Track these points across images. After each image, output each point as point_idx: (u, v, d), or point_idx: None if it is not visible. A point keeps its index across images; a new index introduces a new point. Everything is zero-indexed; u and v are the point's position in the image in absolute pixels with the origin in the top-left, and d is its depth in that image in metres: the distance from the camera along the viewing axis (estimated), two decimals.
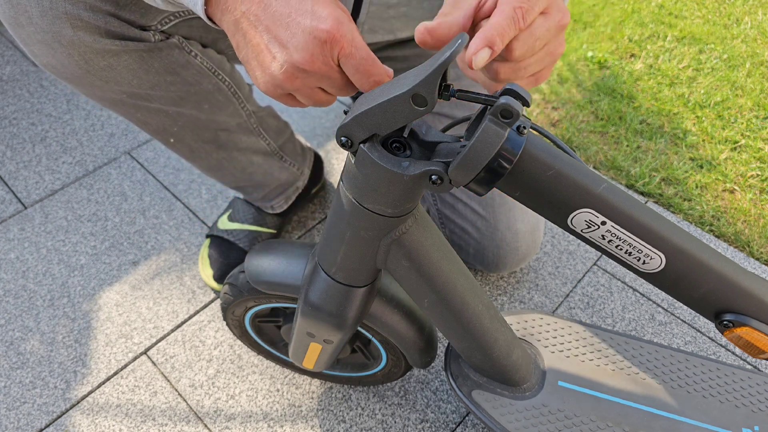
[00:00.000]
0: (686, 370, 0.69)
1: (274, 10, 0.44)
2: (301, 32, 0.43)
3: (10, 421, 0.83)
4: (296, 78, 0.45)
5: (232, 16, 0.46)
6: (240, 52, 0.47)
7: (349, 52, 0.44)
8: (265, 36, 0.44)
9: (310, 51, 0.43)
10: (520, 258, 0.90)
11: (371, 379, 0.82)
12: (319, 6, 0.43)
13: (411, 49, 0.93)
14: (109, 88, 0.68)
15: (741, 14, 1.70)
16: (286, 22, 0.43)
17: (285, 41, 0.43)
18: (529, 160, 0.42)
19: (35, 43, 0.63)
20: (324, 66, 0.44)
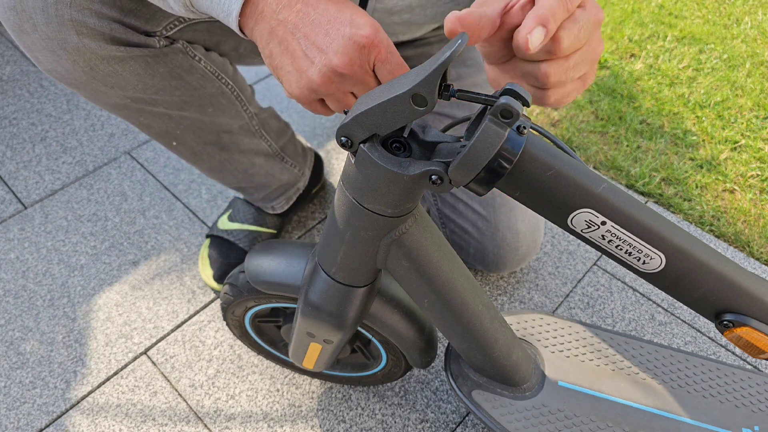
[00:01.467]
0: (686, 370, 0.69)
1: (313, 18, 0.46)
2: (341, 38, 0.45)
3: (10, 421, 0.83)
4: (332, 82, 0.46)
5: (267, 26, 0.47)
6: (273, 60, 0.48)
7: (385, 58, 0.46)
8: (303, 42, 0.46)
9: (349, 55, 0.45)
10: (521, 258, 0.90)
11: (371, 379, 0.82)
12: (357, 15, 0.46)
13: (413, 50, 0.93)
14: (113, 94, 0.68)
15: (741, 14, 1.70)
16: (326, 29, 0.46)
17: (324, 46, 0.45)
18: (529, 160, 0.42)
19: (40, 50, 0.63)
20: (360, 69, 0.46)
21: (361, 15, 0.47)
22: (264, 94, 1.38)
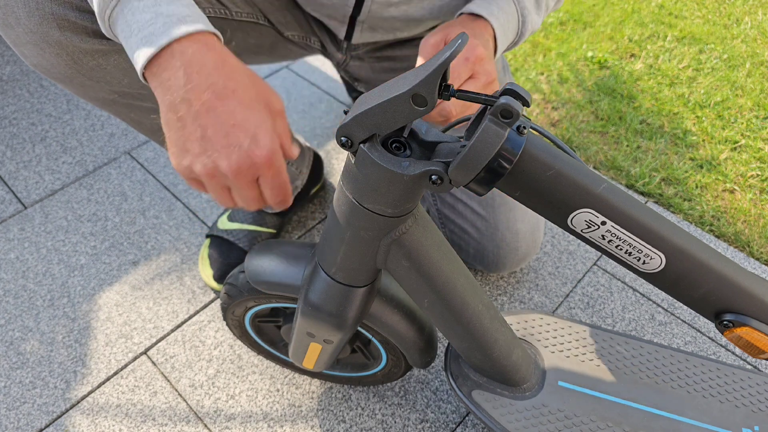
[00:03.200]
0: (686, 370, 0.69)
1: (218, 115, 0.47)
2: (237, 148, 0.47)
3: (10, 421, 0.83)
4: (214, 176, 0.48)
5: (170, 97, 0.48)
6: (167, 128, 0.48)
7: (271, 176, 0.49)
8: (200, 131, 0.47)
9: (239, 165, 0.47)
10: (520, 258, 0.90)
11: (371, 379, 0.82)
12: (260, 132, 0.48)
13: (411, 49, 0.93)
14: (100, 88, 0.68)
15: (741, 14, 1.70)
16: (226, 131, 0.47)
17: (218, 146, 0.47)
18: (529, 160, 0.42)
19: (24, 44, 0.63)
20: (244, 179, 0.48)
21: (264, 132, 0.48)
22: None
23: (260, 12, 0.85)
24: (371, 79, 0.99)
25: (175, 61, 0.47)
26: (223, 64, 0.49)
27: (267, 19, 0.86)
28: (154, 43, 0.47)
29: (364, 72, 0.98)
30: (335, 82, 1.42)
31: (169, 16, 0.48)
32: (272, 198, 0.52)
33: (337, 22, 0.85)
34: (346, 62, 0.97)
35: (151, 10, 0.48)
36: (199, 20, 0.49)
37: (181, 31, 0.47)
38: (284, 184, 0.51)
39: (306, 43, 0.93)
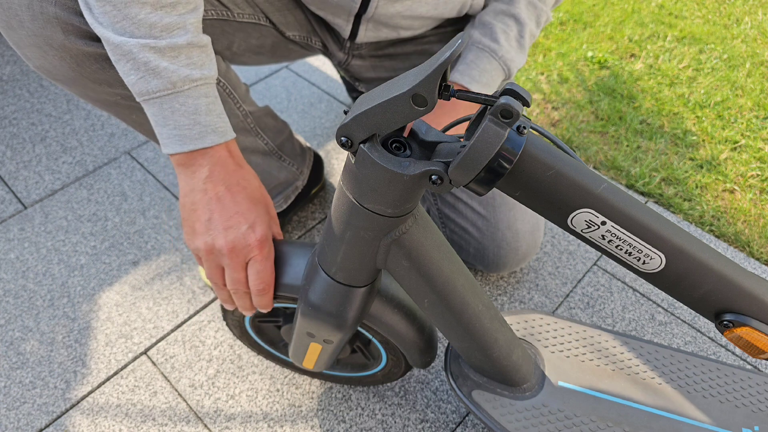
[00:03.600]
0: (686, 370, 0.69)
1: (226, 204, 0.58)
2: (236, 231, 0.57)
3: (10, 421, 0.83)
4: (212, 253, 0.58)
5: (192, 185, 0.58)
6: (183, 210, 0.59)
7: (258, 260, 0.59)
8: (208, 215, 0.58)
9: (233, 244, 0.57)
10: (521, 258, 0.90)
11: (371, 379, 0.82)
12: (258, 223, 0.59)
13: (413, 46, 0.93)
14: (102, 90, 0.68)
15: (741, 14, 1.70)
16: (229, 216, 0.58)
17: (220, 228, 0.57)
18: (529, 160, 0.42)
19: (27, 46, 0.63)
20: (236, 258, 0.58)
21: (261, 222, 0.59)
22: (264, 94, 1.38)
23: (261, 12, 0.85)
24: (372, 79, 0.99)
25: (204, 160, 0.57)
26: (239, 168, 0.60)
27: (268, 20, 0.86)
28: (187, 145, 0.56)
29: (365, 71, 0.98)
30: (335, 82, 1.42)
31: (206, 126, 0.56)
32: (254, 281, 0.60)
33: (342, 21, 0.85)
34: (347, 61, 0.97)
35: (191, 118, 0.56)
36: (228, 131, 0.59)
37: (213, 141, 0.57)
38: (269, 274, 0.60)
39: (307, 43, 0.93)
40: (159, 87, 0.54)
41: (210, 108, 0.57)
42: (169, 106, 0.55)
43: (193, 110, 0.55)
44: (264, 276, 0.60)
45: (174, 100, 0.55)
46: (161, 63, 0.53)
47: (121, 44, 0.53)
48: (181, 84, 0.54)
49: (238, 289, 0.61)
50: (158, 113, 0.56)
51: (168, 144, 0.56)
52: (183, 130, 0.56)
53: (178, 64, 0.54)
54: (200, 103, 0.56)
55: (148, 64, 0.53)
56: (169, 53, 0.54)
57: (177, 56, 0.54)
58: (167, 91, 0.54)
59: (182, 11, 0.55)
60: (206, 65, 0.57)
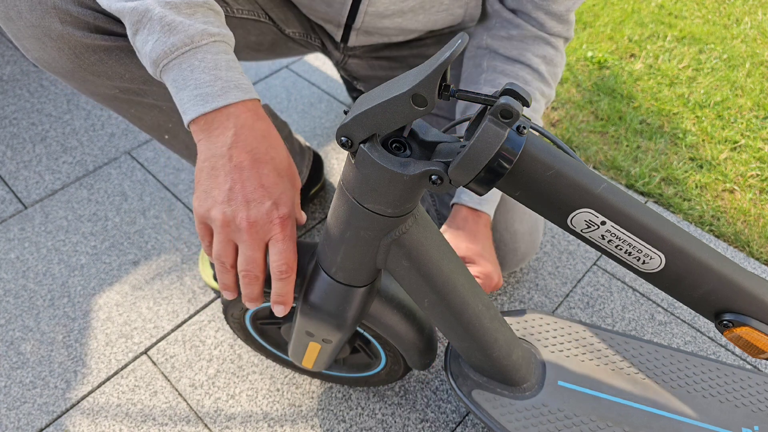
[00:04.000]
0: (686, 370, 0.69)
1: (250, 174, 0.52)
2: (259, 205, 0.52)
3: (11, 421, 0.83)
4: (228, 226, 0.52)
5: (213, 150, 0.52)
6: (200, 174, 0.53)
7: (280, 239, 0.53)
8: (229, 183, 0.52)
9: (255, 219, 0.51)
10: (519, 259, 0.90)
11: (376, 379, 0.82)
12: (283, 199, 0.53)
13: (408, 49, 0.93)
14: (101, 83, 0.68)
15: (741, 14, 1.70)
16: (254, 188, 0.52)
17: (243, 201, 0.51)
18: (529, 160, 0.42)
19: (26, 37, 0.63)
20: (255, 235, 0.52)
21: (287, 199, 0.53)
22: (264, 94, 1.38)
23: (261, 9, 0.85)
24: (370, 77, 0.99)
25: (228, 122, 0.52)
26: (268, 134, 0.54)
27: (268, 16, 0.86)
28: (209, 103, 0.51)
29: (362, 70, 0.98)
30: (335, 82, 1.42)
31: (228, 81, 0.52)
32: (276, 262, 0.54)
33: (333, 26, 0.85)
34: (344, 61, 0.97)
35: (211, 73, 0.52)
36: (252, 90, 0.54)
37: (237, 97, 0.52)
38: (292, 254, 0.54)
39: (306, 40, 0.93)
40: (176, 44, 0.52)
41: (230, 65, 0.53)
42: (189, 65, 0.52)
43: (213, 65, 0.52)
44: (287, 256, 0.54)
45: (193, 57, 0.52)
46: (177, 18, 0.52)
47: (137, 6, 0.52)
48: (199, 38, 0.52)
49: (251, 271, 0.55)
50: (177, 76, 0.52)
51: (189, 109, 0.52)
52: (204, 87, 0.52)
53: (194, 20, 0.52)
54: (220, 59, 0.53)
55: (163, 20, 0.51)
56: (185, 10, 0.52)
57: (193, 13, 0.53)
58: (185, 47, 0.52)
59: None
60: (222, 27, 0.55)
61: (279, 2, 0.86)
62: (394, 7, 0.77)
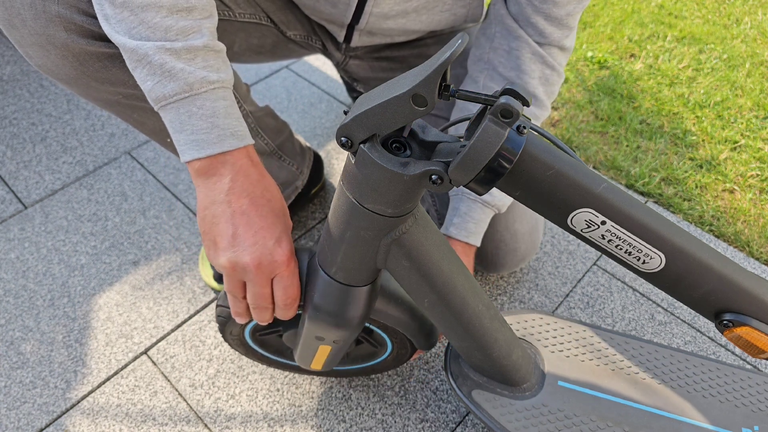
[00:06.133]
0: (686, 370, 0.69)
1: (251, 218, 0.55)
2: (262, 246, 0.55)
3: (11, 421, 0.83)
4: (235, 269, 0.56)
5: (211, 197, 0.55)
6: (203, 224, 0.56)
7: (286, 276, 0.57)
8: (231, 229, 0.54)
9: (260, 261, 0.55)
10: (519, 259, 0.90)
11: (384, 365, 0.82)
12: (284, 238, 0.56)
13: (409, 50, 0.93)
14: (104, 89, 0.68)
15: (741, 14, 1.70)
16: (255, 230, 0.55)
17: (246, 244, 0.54)
18: (529, 159, 0.42)
19: (29, 45, 0.63)
20: (261, 275, 0.55)
21: (287, 241, 0.57)
22: (264, 94, 1.38)
23: (263, 12, 0.85)
24: (370, 79, 0.99)
25: (225, 169, 0.55)
26: (262, 177, 0.57)
27: (269, 19, 0.87)
28: (205, 149, 0.54)
29: (363, 71, 0.98)
30: (335, 82, 1.42)
31: (224, 129, 0.54)
32: (281, 297, 0.58)
33: (336, 27, 0.85)
34: (345, 62, 0.97)
35: (208, 120, 0.54)
36: (247, 136, 0.57)
37: (233, 145, 0.55)
38: (295, 289, 0.58)
39: (307, 42, 0.93)
40: (175, 90, 0.53)
41: (228, 111, 0.55)
42: (186, 110, 0.53)
43: (211, 113, 0.54)
44: (291, 292, 0.58)
45: (191, 104, 0.53)
46: (177, 65, 0.52)
47: (137, 48, 0.52)
48: (198, 86, 0.53)
49: (260, 304, 0.59)
50: (175, 119, 0.54)
51: (186, 151, 0.54)
52: (200, 134, 0.54)
53: (194, 66, 0.53)
54: (218, 106, 0.54)
55: (163, 66, 0.52)
56: (185, 55, 0.53)
57: (193, 58, 0.53)
58: (184, 94, 0.53)
59: (198, 16, 0.54)
60: (222, 70, 0.56)
61: (281, 5, 0.86)
62: (399, 7, 0.77)
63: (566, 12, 0.72)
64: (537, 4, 0.71)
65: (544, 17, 0.72)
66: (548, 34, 0.73)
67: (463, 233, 0.77)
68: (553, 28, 0.73)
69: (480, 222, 0.78)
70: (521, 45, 0.73)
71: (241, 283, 0.58)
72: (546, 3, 0.71)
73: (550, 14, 0.71)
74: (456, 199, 0.79)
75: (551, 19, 0.72)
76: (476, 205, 0.77)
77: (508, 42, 0.75)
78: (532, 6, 0.72)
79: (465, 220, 0.77)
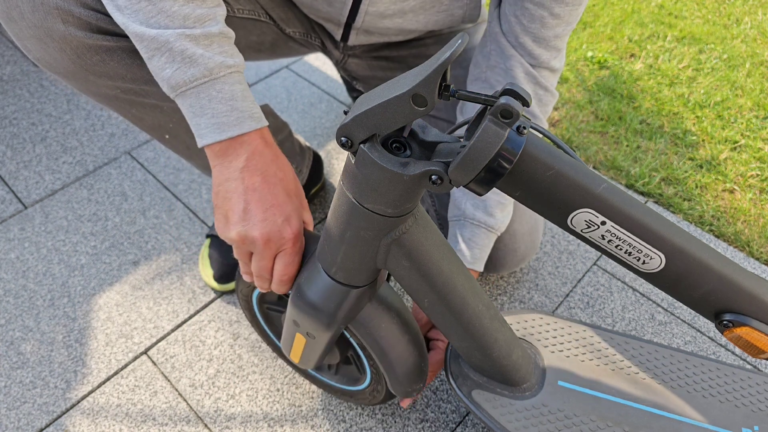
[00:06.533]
0: (686, 370, 0.69)
1: (262, 195, 0.57)
2: (272, 222, 0.57)
3: (11, 421, 0.83)
4: (244, 242, 0.58)
5: (226, 174, 0.57)
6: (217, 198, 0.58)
7: (289, 253, 0.59)
8: (243, 204, 0.57)
9: (269, 236, 0.57)
10: (519, 259, 0.90)
11: (360, 396, 0.79)
12: (293, 216, 0.59)
13: (407, 49, 0.93)
14: (102, 83, 0.68)
15: (741, 14, 1.70)
16: (266, 207, 0.57)
17: (256, 219, 0.56)
18: (529, 160, 0.42)
19: (28, 38, 0.63)
20: (267, 248, 0.58)
21: (296, 216, 0.59)
22: (264, 94, 1.38)
23: (262, 9, 0.85)
24: (369, 78, 0.99)
25: (242, 149, 0.57)
26: (277, 157, 0.59)
27: (269, 16, 0.87)
28: (225, 132, 0.56)
29: (362, 70, 0.98)
30: (335, 82, 1.42)
31: (243, 112, 0.56)
32: (279, 272, 0.60)
33: (333, 25, 0.85)
34: (344, 61, 0.97)
35: (228, 104, 0.56)
36: (263, 118, 0.59)
37: (251, 126, 0.57)
38: (295, 267, 0.60)
39: (307, 39, 0.93)
40: (196, 75, 0.54)
41: (245, 95, 0.57)
42: (206, 95, 0.55)
43: (230, 96, 0.56)
44: (290, 269, 0.60)
45: (211, 88, 0.55)
46: (197, 50, 0.54)
47: (158, 36, 0.54)
48: (217, 70, 0.55)
49: (262, 275, 0.61)
50: (195, 103, 0.56)
51: (205, 134, 0.56)
52: (221, 117, 0.56)
53: (212, 51, 0.55)
54: (236, 89, 0.56)
55: (184, 53, 0.54)
56: (203, 41, 0.55)
57: (210, 44, 0.55)
58: (204, 78, 0.55)
59: (211, 5, 0.57)
60: (236, 55, 0.58)
61: (280, 2, 0.86)
62: (395, 7, 0.77)
63: (554, 34, 0.71)
64: (525, 24, 0.71)
65: (532, 38, 0.72)
66: (537, 56, 0.73)
67: (468, 261, 0.77)
68: (542, 50, 0.72)
69: (484, 247, 0.77)
70: (514, 64, 0.74)
71: (248, 254, 0.60)
72: (534, 23, 0.70)
73: (538, 35, 0.71)
74: (458, 225, 0.77)
75: (539, 40, 0.72)
76: (480, 230, 0.76)
77: (503, 61, 0.75)
78: (521, 25, 0.71)
79: (470, 246, 0.76)
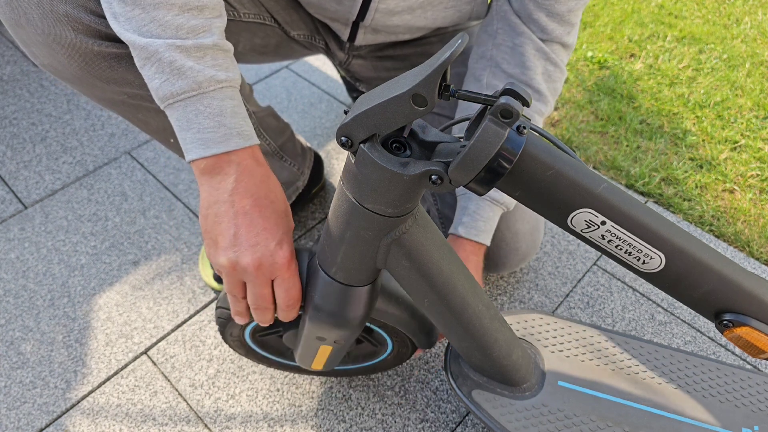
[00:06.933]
0: (686, 370, 0.69)
1: (254, 219, 0.54)
2: (263, 247, 0.54)
3: (11, 421, 0.83)
4: (235, 270, 0.55)
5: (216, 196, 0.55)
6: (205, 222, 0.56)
7: (287, 278, 0.57)
8: (233, 229, 0.54)
9: (260, 262, 0.54)
10: (520, 258, 0.90)
11: (384, 365, 0.82)
12: (285, 240, 0.56)
13: (412, 48, 0.93)
14: (110, 89, 0.68)
15: (741, 14, 1.70)
16: (257, 231, 0.54)
17: (247, 245, 0.54)
18: (529, 160, 0.42)
19: (36, 44, 0.63)
20: (261, 276, 0.55)
21: (289, 243, 0.57)
22: (264, 94, 1.38)
23: (267, 12, 0.85)
24: (373, 79, 0.99)
25: (230, 168, 0.54)
26: (267, 178, 0.57)
27: (273, 19, 0.87)
28: (210, 148, 0.53)
29: (366, 71, 0.98)
30: (335, 82, 1.42)
31: (231, 129, 0.54)
32: (283, 299, 0.58)
33: (340, 25, 0.85)
34: (348, 61, 0.97)
35: (215, 119, 0.53)
36: (253, 136, 0.56)
37: (238, 144, 0.54)
38: (297, 290, 0.58)
39: (311, 42, 0.93)
40: (184, 88, 0.53)
41: (235, 111, 0.55)
42: (194, 108, 0.53)
43: (218, 112, 0.54)
44: (293, 293, 0.58)
45: (198, 102, 0.53)
46: (187, 62, 0.52)
47: (147, 45, 0.52)
48: (206, 84, 0.53)
49: (261, 305, 0.59)
50: (182, 117, 0.54)
51: (191, 149, 0.54)
52: (206, 133, 0.53)
53: (203, 64, 0.53)
54: (225, 105, 0.54)
55: (173, 64, 0.52)
56: (195, 53, 0.53)
57: (203, 57, 0.53)
58: (192, 92, 0.53)
59: (208, 15, 0.55)
60: (230, 69, 0.56)
61: (285, 4, 0.86)
62: (404, 3, 0.77)
63: (567, 8, 0.72)
64: (539, 0, 0.71)
65: (546, 13, 0.72)
66: (550, 31, 0.73)
67: (473, 232, 0.76)
68: (555, 25, 0.73)
69: (489, 220, 0.77)
70: (524, 41, 0.73)
71: (240, 284, 0.58)
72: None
73: (552, 10, 0.71)
74: (464, 198, 0.78)
75: (553, 15, 0.72)
76: (485, 203, 0.76)
77: (511, 38, 0.75)
78: (534, 2, 0.72)
79: (474, 218, 0.77)
